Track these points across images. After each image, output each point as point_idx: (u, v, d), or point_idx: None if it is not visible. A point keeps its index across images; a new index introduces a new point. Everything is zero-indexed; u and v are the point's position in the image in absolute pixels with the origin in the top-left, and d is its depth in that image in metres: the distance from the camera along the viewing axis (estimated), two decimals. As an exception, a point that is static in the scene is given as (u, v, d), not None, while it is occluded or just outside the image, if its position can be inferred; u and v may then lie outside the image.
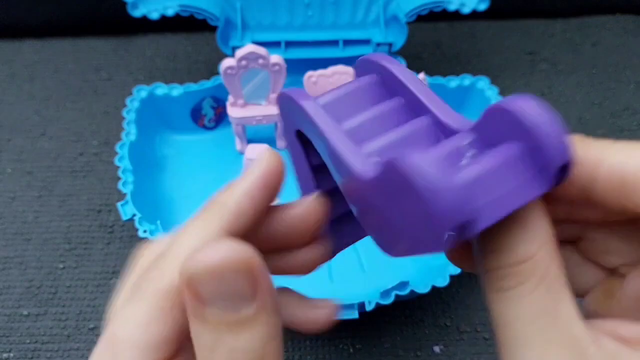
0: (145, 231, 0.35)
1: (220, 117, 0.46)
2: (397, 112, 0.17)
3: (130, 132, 0.41)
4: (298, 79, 0.43)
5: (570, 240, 0.18)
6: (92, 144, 0.47)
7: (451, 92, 0.45)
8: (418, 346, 0.36)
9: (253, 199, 0.16)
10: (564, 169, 0.14)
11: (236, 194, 0.16)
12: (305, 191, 0.20)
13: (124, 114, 0.43)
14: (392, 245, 0.15)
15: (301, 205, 0.18)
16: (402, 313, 0.37)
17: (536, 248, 0.14)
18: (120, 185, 0.38)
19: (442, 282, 0.33)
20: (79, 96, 0.51)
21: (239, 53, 0.39)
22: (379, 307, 0.32)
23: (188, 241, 0.15)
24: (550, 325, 0.13)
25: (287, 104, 0.18)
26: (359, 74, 0.19)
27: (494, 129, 0.14)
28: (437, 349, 0.36)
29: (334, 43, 0.47)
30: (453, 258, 0.18)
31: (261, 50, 0.39)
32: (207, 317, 0.14)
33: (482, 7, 0.44)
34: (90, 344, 0.36)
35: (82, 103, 0.50)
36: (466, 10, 0.44)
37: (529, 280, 0.14)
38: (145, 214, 0.36)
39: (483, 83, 0.45)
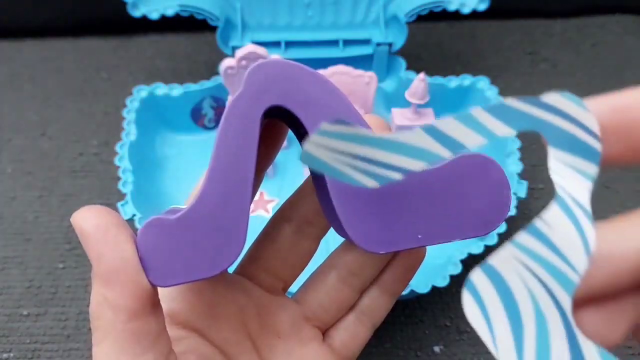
0: (145, 231, 0.35)
1: (220, 117, 0.46)
2: None
3: (130, 132, 0.41)
4: (298, 79, 0.43)
5: None
6: (92, 144, 0.47)
7: (451, 92, 0.45)
8: (418, 346, 0.36)
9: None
10: None
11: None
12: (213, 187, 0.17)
13: (124, 114, 0.43)
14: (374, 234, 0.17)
15: None
16: (402, 313, 0.37)
17: None
18: (120, 185, 0.38)
19: (442, 282, 0.33)
20: (79, 96, 0.51)
21: (239, 53, 0.39)
22: (379, 307, 0.32)
23: None
24: None
25: (284, 76, 0.16)
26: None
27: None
28: (437, 349, 0.36)
29: (334, 43, 0.47)
30: None
31: (261, 50, 0.39)
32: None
33: (482, 7, 0.44)
34: (90, 344, 0.36)
35: (82, 103, 0.50)
36: (466, 10, 0.44)
37: None
38: (145, 214, 0.36)
39: (483, 83, 0.45)
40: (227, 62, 0.40)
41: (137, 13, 0.44)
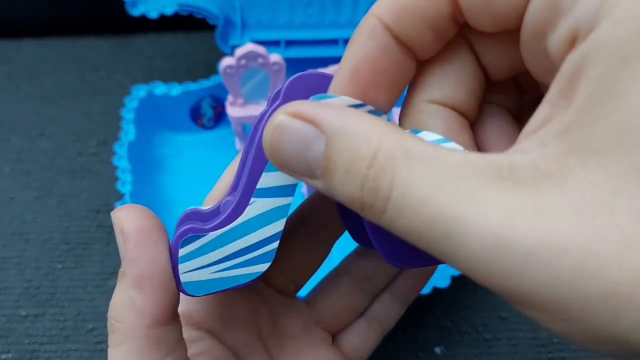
0: (144, 231, 0.35)
1: (220, 116, 0.46)
2: None
3: (128, 132, 0.41)
4: (298, 78, 0.43)
5: None
6: (91, 143, 0.47)
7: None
8: (419, 347, 0.36)
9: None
10: None
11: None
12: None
13: (123, 113, 0.43)
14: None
15: None
16: (404, 314, 0.37)
17: None
18: (118, 185, 0.38)
19: (444, 283, 0.33)
20: (77, 96, 0.51)
21: (239, 52, 0.39)
22: (380, 308, 0.32)
23: None
24: None
25: (323, 89, 0.16)
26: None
27: None
28: (438, 350, 0.35)
29: (334, 42, 0.47)
30: None
31: (260, 49, 0.39)
32: None
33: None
34: (89, 344, 0.36)
35: (80, 103, 0.50)
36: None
37: None
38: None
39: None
40: (226, 61, 0.39)
41: (136, 12, 0.44)
